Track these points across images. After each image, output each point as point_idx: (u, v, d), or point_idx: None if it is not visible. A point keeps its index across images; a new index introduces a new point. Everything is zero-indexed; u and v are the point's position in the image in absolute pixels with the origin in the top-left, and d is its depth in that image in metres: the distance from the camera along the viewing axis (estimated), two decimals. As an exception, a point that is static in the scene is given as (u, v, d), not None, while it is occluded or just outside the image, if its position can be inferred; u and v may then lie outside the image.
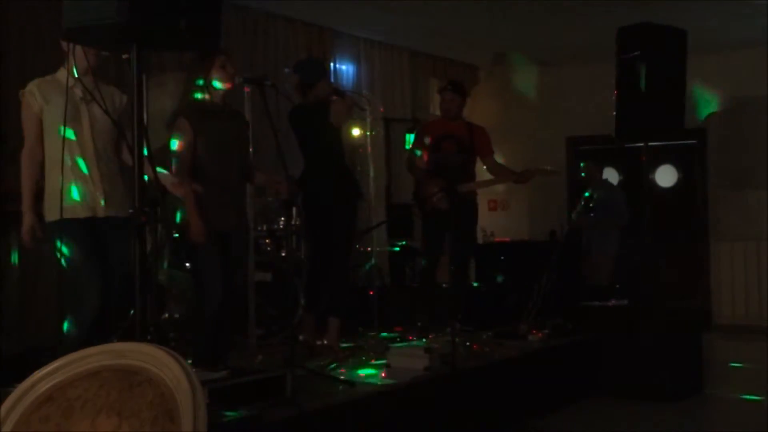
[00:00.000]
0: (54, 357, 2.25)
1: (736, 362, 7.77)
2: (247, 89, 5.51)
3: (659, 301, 6.82)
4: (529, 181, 6.82)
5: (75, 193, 4.29)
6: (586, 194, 8.76)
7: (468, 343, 5.99)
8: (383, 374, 5.07)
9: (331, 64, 8.58)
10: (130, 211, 3.38)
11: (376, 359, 5.50)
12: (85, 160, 4.31)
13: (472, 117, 10.64)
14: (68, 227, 4.20)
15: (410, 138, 8.44)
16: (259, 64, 7.77)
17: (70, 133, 4.24)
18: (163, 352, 2.11)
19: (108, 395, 2.09)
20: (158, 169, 4.18)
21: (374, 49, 9.24)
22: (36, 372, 2.21)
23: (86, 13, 3.21)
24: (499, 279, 8.16)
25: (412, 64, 9.68)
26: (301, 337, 5.86)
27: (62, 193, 4.12)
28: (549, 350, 6.26)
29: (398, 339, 6.45)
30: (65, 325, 4.31)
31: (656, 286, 7.08)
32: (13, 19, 6.22)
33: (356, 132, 8.47)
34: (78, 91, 4.27)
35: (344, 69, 8.93)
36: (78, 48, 3.94)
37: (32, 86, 4.32)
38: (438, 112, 9.87)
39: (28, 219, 4.31)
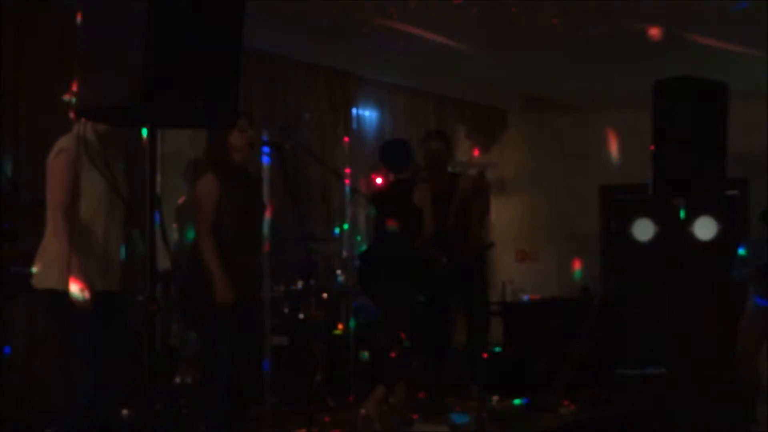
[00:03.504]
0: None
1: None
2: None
3: (699, 367, 6.48)
4: None
5: (96, 265, 4.10)
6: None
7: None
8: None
9: (353, 110, 8.32)
10: (141, 299, 3.22)
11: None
12: (113, 230, 4.18)
13: (500, 164, 10.35)
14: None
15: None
16: (279, 112, 7.56)
17: (106, 203, 4.12)
18: None
19: None
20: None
21: (398, 94, 8.95)
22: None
23: (99, 94, 3.15)
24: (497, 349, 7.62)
25: (438, 110, 9.38)
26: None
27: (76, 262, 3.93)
28: (582, 425, 6.02)
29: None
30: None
31: (696, 352, 6.72)
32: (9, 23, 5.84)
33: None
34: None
35: (367, 115, 8.66)
36: None
37: (70, 142, 4.08)
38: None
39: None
